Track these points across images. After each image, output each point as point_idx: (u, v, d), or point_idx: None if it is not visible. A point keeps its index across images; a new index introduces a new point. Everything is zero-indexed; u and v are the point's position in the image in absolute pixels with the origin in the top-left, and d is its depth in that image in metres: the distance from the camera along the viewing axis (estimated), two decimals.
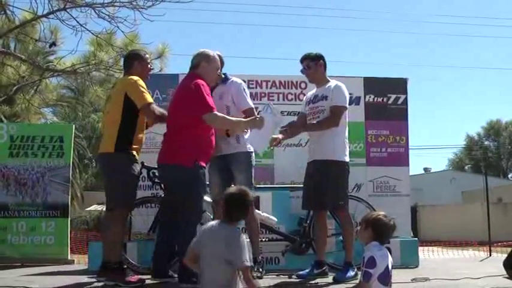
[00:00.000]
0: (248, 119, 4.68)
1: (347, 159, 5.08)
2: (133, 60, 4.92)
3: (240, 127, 4.74)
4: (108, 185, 4.78)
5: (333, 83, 5.15)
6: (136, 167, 4.79)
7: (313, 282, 4.81)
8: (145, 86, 4.74)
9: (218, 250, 3.15)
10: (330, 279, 4.86)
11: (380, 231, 3.32)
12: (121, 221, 4.72)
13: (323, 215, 5.12)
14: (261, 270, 4.87)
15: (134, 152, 4.75)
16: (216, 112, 4.54)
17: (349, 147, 5.23)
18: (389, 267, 3.31)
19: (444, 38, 69.79)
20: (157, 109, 4.73)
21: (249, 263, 3.15)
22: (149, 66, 5.05)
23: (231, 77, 5.13)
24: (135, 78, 4.74)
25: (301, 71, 5.26)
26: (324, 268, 5.03)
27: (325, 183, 4.89)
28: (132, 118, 4.70)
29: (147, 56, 5.09)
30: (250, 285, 3.13)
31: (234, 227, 3.30)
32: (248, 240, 4.56)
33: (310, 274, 4.92)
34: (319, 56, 5.19)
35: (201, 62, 4.74)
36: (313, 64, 5.15)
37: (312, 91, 5.36)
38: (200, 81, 4.59)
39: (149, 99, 4.68)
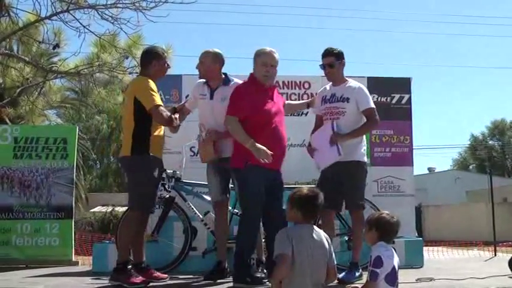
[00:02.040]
0: (257, 146, 4.45)
1: (366, 159, 5.08)
2: (152, 59, 4.86)
3: (244, 145, 4.56)
4: (127, 187, 4.89)
5: (352, 83, 5.06)
6: (155, 169, 4.74)
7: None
8: (154, 87, 4.68)
9: (325, 252, 3.23)
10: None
11: (384, 230, 3.32)
12: (134, 223, 4.72)
13: (333, 215, 5.11)
14: (265, 271, 4.86)
15: (153, 153, 4.71)
16: (234, 119, 4.54)
17: None
18: (396, 267, 3.30)
19: (448, 37, 69.68)
20: (166, 112, 4.67)
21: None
22: (166, 65, 4.97)
23: (233, 79, 5.05)
24: (145, 79, 4.71)
25: (321, 66, 5.08)
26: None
27: (348, 183, 4.89)
28: (145, 120, 4.65)
29: (165, 54, 5.04)
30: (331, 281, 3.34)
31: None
32: None
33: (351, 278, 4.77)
34: (342, 54, 5.06)
35: (254, 61, 4.77)
36: (338, 63, 5.02)
37: (324, 88, 5.20)
38: (240, 84, 4.76)
39: (157, 101, 4.63)
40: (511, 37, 68.95)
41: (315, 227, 3.32)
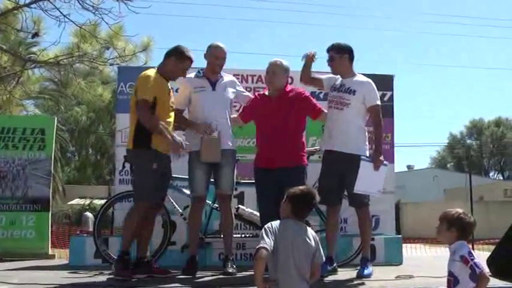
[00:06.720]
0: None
1: (368, 154, 5.07)
2: (171, 55, 4.79)
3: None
4: (132, 179, 5.00)
5: (361, 78, 5.11)
6: (155, 162, 4.63)
7: (331, 279, 4.75)
8: (153, 82, 4.60)
9: (308, 247, 3.22)
10: (340, 275, 4.87)
11: (464, 230, 3.28)
12: (136, 214, 4.72)
13: (338, 211, 5.09)
14: (234, 266, 4.91)
15: (155, 146, 4.62)
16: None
17: None
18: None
19: (429, 36, 70.37)
20: (151, 117, 4.60)
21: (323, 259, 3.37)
22: (183, 70, 4.83)
23: (223, 73, 5.21)
24: (148, 73, 4.69)
25: (327, 61, 5.15)
26: (335, 265, 5.00)
27: (354, 180, 4.83)
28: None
29: (190, 56, 4.83)
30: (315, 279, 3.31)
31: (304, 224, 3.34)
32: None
33: (325, 271, 4.65)
34: (344, 48, 5.10)
35: None
36: (338, 56, 5.06)
37: (338, 77, 5.20)
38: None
39: (146, 95, 4.55)
40: (491, 38, 69.92)
41: (302, 223, 3.32)
